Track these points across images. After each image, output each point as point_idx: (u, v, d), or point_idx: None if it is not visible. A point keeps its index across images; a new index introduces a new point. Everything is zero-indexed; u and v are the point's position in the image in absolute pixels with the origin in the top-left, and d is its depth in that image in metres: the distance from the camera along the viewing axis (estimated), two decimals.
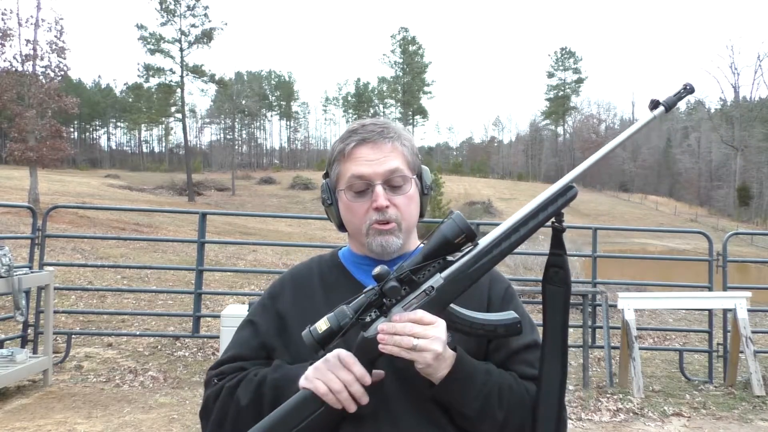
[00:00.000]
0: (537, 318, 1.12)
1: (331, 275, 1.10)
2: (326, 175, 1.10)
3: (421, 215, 1.11)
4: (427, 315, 0.86)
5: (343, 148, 1.04)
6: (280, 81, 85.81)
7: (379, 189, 1.00)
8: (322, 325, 0.85)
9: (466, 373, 0.91)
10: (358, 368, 0.86)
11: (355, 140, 1.03)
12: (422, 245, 0.90)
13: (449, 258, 0.89)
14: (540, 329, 0.99)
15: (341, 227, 1.09)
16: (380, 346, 0.84)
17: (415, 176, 1.07)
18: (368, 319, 0.88)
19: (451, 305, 0.88)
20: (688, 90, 0.90)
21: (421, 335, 0.84)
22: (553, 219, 0.91)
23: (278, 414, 0.87)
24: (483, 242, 0.88)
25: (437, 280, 0.87)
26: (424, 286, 0.87)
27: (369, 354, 0.86)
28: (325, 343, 0.85)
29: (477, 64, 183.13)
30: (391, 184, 1.02)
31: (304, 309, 1.04)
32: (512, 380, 0.96)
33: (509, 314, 0.91)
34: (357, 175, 1.01)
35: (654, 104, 0.89)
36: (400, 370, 0.93)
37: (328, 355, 0.88)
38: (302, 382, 0.89)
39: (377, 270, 0.86)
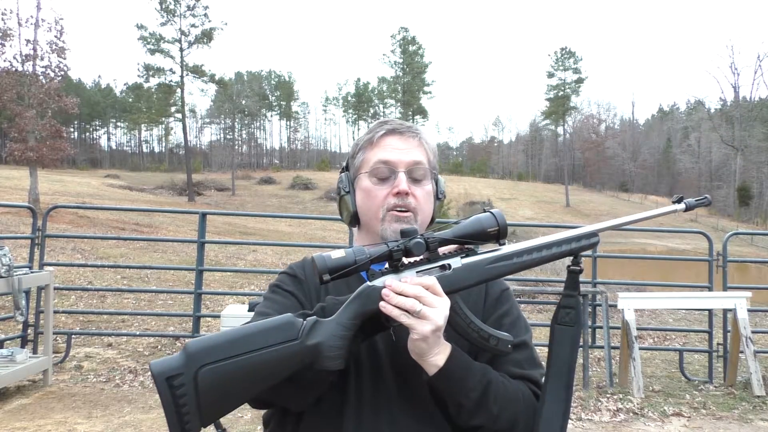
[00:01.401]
0: (537, 318, 1.12)
1: None
2: (344, 170, 1.12)
3: (432, 219, 1.12)
4: (440, 287, 0.85)
5: (371, 137, 1.08)
6: (280, 81, 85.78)
7: (402, 175, 1.03)
8: (337, 253, 0.84)
9: (465, 361, 0.91)
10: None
11: (385, 129, 1.08)
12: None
13: (474, 249, 0.91)
14: (544, 362, 0.98)
15: (353, 220, 1.08)
16: (381, 303, 0.83)
17: (433, 177, 1.10)
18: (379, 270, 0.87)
19: (458, 297, 0.88)
20: (707, 202, 1.02)
21: (427, 303, 0.83)
22: (571, 260, 0.93)
23: (257, 327, 0.83)
24: (508, 248, 0.90)
25: (457, 261, 0.88)
26: (444, 262, 0.88)
27: (367, 305, 0.84)
28: (334, 272, 0.83)
29: (477, 64, 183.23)
30: (413, 176, 1.05)
31: (313, 298, 1.04)
32: (504, 379, 0.96)
33: (506, 335, 0.92)
34: (383, 161, 1.05)
35: (678, 199, 0.98)
36: (399, 368, 0.93)
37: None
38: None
39: (405, 227, 0.88)
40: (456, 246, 0.91)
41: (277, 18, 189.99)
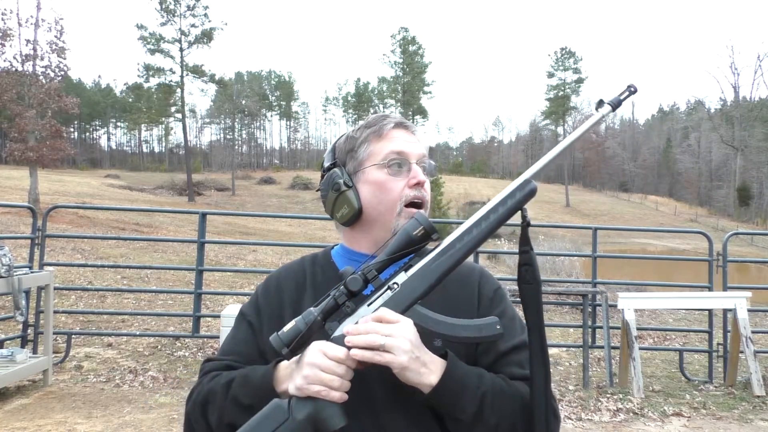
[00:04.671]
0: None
1: (324, 275, 1.07)
2: (333, 166, 1.06)
3: None
4: (390, 313, 0.84)
5: (378, 129, 1.04)
6: (280, 81, 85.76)
7: (416, 167, 1.02)
8: (289, 325, 0.84)
9: (459, 377, 0.88)
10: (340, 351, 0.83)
11: (393, 122, 1.05)
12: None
13: (413, 260, 0.88)
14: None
15: (353, 217, 1.02)
16: (351, 352, 0.82)
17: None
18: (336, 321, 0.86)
19: (420, 307, 0.86)
20: (632, 91, 0.94)
21: (386, 333, 0.82)
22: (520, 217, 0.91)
23: (251, 425, 0.84)
24: (446, 239, 0.89)
25: (401, 276, 0.87)
26: (390, 283, 0.87)
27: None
28: (290, 343, 0.83)
29: (477, 64, 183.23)
30: (421, 167, 1.04)
31: (295, 310, 1.01)
32: (503, 383, 0.94)
33: (489, 318, 0.89)
34: (397, 152, 1.02)
35: (599, 103, 0.93)
36: (389, 380, 0.90)
37: (309, 354, 0.84)
38: (293, 390, 0.84)
39: (343, 269, 0.86)
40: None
41: (277, 18, 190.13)
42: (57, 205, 5.86)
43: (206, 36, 44.26)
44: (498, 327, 0.88)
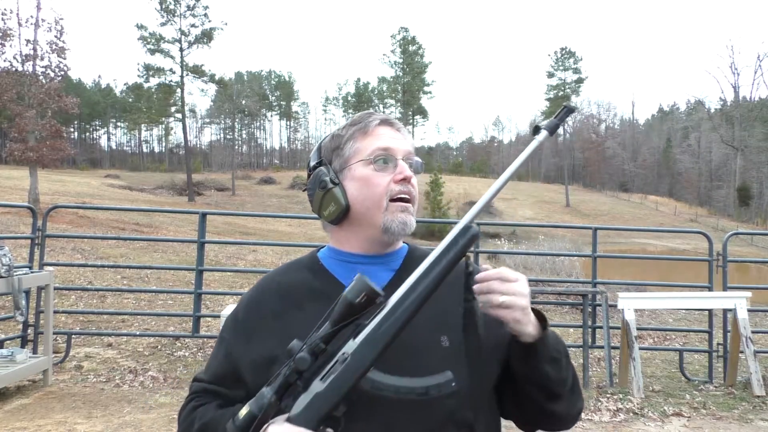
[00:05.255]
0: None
1: (315, 281, 1.04)
2: (318, 165, 1.05)
3: None
4: (509, 271, 0.89)
5: (364, 126, 1.04)
6: (280, 81, 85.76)
7: (402, 162, 1.02)
8: (243, 411, 0.83)
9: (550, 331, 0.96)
10: None
11: (378, 119, 1.05)
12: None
13: (361, 322, 0.85)
14: None
15: (340, 215, 1.01)
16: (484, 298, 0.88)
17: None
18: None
19: (373, 372, 0.84)
20: (568, 110, 0.92)
21: (505, 291, 0.87)
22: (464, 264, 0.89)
23: None
24: (392, 299, 0.85)
25: (351, 345, 0.83)
26: (338, 355, 0.83)
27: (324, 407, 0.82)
28: (246, 429, 0.82)
29: (477, 64, 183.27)
30: (407, 164, 1.04)
31: (286, 323, 0.99)
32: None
33: (444, 374, 0.86)
34: (383, 148, 1.02)
35: (536, 129, 0.91)
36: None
37: None
38: None
39: (290, 345, 0.84)
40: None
41: (277, 18, 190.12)
42: (57, 205, 5.86)
43: (206, 36, 44.26)
44: (453, 385, 0.85)
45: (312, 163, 1.07)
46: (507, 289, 0.87)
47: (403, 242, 1.10)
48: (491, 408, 1.01)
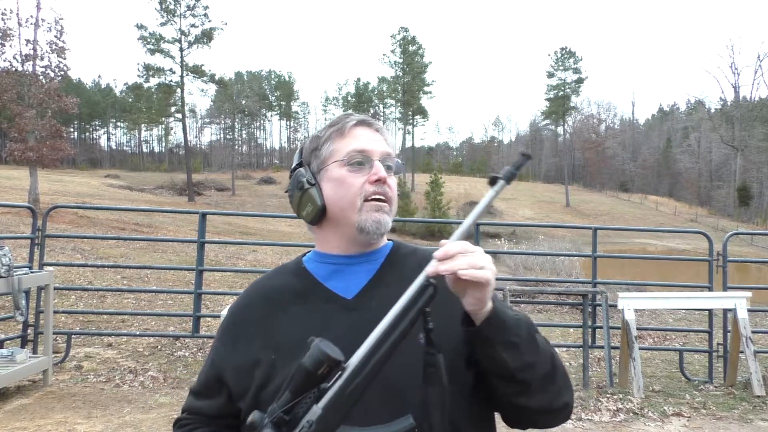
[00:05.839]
0: (536, 318, 1.12)
1: (298, 283, 1.04)
2: (298, 166, 1.07)
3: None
4: (467, 244, 0.84)
5: (341, 127, 1.04)
6: (280, 81, 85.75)
7: (378, 163, 1.01)
8: None
9: (503, 304, 0.91)
10: None
11: (355, 120, 1.05)
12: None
13: (323, 386, 0.82)
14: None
15: (317, 215, 1.02)
16: (459, 272, 0.81)
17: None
18: None
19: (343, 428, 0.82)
20: (526, 157, 0.89)
21: (475, 265, 0.82)
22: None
23: None
24: (352, 362, 0.82)
25: (314, 412, 0.80)
26: (302, 423, 0.80)
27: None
28: None
29: (477, 64, 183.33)
30: (386, 166, 1.02)
31: (269, 325, 0.99)
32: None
33: (405, 419, 0.85)
34: (358, 149, 1.01)
35: (492, 180, 0.89)
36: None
37: None
38: None
39: (250, 419, 0.81)
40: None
41: (277, 18, 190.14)
42: (57, 205, 5.86)
43: (206, 36, 44.25)
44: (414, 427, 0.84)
45: (294, 165, 1.09)
46: (475, 263, 0.82)
47: (389, 239, 1.09)
48: (478, 416, 0.98)
